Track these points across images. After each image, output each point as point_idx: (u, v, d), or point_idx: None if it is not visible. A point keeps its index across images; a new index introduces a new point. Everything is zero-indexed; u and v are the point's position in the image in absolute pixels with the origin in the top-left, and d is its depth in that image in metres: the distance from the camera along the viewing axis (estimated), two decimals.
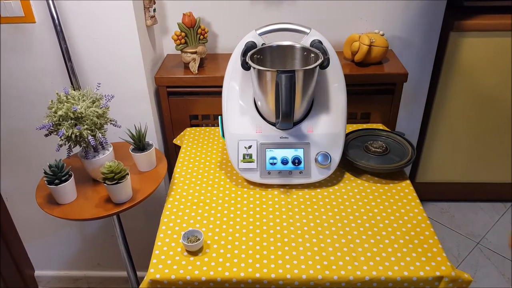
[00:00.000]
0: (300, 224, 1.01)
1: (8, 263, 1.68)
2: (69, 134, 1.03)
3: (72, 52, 1.27)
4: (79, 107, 1.04)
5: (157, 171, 1.21)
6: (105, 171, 1.03)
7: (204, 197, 1.11)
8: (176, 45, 1.41)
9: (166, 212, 1.06)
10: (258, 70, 1.05)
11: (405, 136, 1.27)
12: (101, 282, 1.87)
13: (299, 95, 1.07)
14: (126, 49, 1.28)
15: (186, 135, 1.38)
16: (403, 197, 1.09)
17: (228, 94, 1.17)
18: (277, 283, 0.88)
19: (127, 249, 1.36)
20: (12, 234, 1.69)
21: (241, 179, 1.17)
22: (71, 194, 1.10)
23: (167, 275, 0.89)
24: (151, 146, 1.20)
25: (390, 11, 1.49)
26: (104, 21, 1.24)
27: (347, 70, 1.42)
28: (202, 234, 0.94)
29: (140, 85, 1.35)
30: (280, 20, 1.20)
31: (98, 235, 1.72)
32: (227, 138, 1.15)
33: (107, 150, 1.16)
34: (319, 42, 1.13)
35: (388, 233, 0.98)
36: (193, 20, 1.39)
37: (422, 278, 0.87)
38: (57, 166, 1.06)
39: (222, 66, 1.42)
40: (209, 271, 0.89)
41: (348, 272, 0.88)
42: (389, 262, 0.90)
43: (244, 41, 1.15)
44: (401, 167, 1.16)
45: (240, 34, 1.19)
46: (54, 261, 1.82)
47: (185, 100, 1.44)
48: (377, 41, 1.40)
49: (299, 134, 1.13)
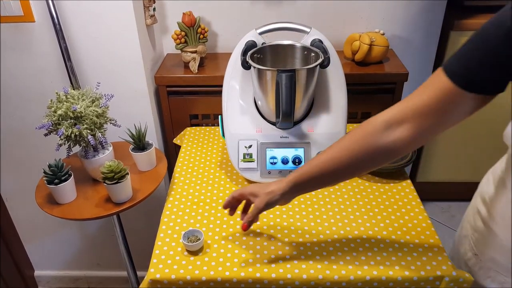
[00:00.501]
0: (301, 224, 1.01)
1: (8, 263, 1.68)
2: (68, 134, 1.03)
3: (72, 51, 1.27)
4: (79, 107, 1.04)
5: (157, 170, 1.21)
6: (105, 170, 1.02)
7: (204, 197, 1.11)
8: (176, 45, 1.40)
9: (166, 212, 1.06)
10: (258, 70, 1.05)
11: None
12: (101, 282, 1.87)
13: (300, 95, 1.06)
14: (126, 48, 1.28)
15: (186, 135, 1.38)
16: (404, 197, 1.09)
17: (228, 93, 1.17)
18: (278, 282, 0.88)
19: (127, 249, 1.36)
20: (12, 234, 1.69)
21: (241, 178, 1.17)
22: (70, 194, 1.10)
23: (167, 275, 0.88)
24: (151, 146, 1.20)
25: (390, 10, 1.49)
26: (104, 20, 1.23)
27: (348, 69, 1.42)
28: (203, 234, 0.94)
29: (140, 84, 1.35)
30: (280, 19, 1.19)
31: (98, 235, 1.72)
32: (227, 137, 1.15)
33: (107, 149, 1.15)
34: (320, 41, 1.12)
35: (389, 232, 0.98)
36: (193, 19, 1.39)
37: (422, 277, 0.87)
38: (56, 166, 1.06)
39: (222, 65, 1.42)
40: (210, 270, 0.89)
41: (348, 272, 0.88)
42: (389, 262, 0.90)
43: (244, 40, 1.14)
44: (402, 167, 1.16)
45: (240, 33, 1.19)
46: (54, 261, 1.82)
47: (185, 99, 1.43)
48: (377, 41, 1.39)
49: (300, 133, 1.13)
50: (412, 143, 0.73)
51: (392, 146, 0.73)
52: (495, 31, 0.63)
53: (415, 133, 0.72)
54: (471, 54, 0.66)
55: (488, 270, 0.86)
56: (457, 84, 0.67)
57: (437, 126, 0.71)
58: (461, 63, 0.67)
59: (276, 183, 0.84)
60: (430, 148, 1.94)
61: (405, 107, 0.72)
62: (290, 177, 0.82)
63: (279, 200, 0.83)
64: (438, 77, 0.69)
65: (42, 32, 1.24)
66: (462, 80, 0.66)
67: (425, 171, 2.01)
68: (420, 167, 2.01)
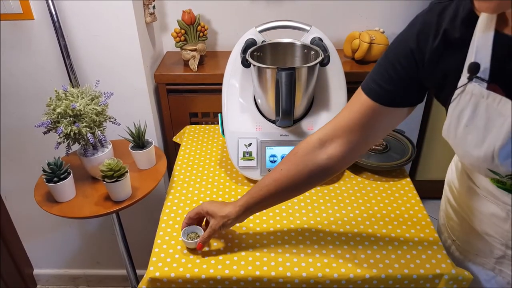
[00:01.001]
0: (300, 222, 1.01)
1: (7, 262, 1.68)
2: (68, 132, 1.03)
3: (71, 49, 1.27)
4: (78, 105, 1.04)
5: (157, 169, 1.21)
6: (104, 169, 1.02)
7: (204, 195, 1.11)
8: (176, 43, 1.40)
9: (165, 210, 1.06)
10: (258, 68, 1.05)
11: (405, 134, 1.27)
12: (100, 281, 1.87)
13: (299, 93, 1.06)
14: (126, 46, 1.28)
15: (186, 133, 1.38)
16: (403, 195, 1.09)
17: (228, 91, 1.16)
18: (277, 281, 0.88)
19: (126, 247, 1.36)
20: (11, 232, 1.68)
21: (241, 177, 1.17)
22: (70, 192, 1.10)
23: (166, 273, 0.88)
24: (150, 144, 1.20)
25: (390, 8, 1.49)
26: (103, 18, 1.23)
27: (348, 67, 1.42)
28: (202, 231, 0.94)
29: (140, 82, 1.35)
30: (280, 18, 1.19)
31: (98, 233, 1.72)
32: (227, 135, 1.15)
33: (106, 147, 1.15)
34: (320, 39, 1.12)
35: (388, 231, 0.98)
36: (192, 17, 1.38)
37: (422, 275, 0.87)
38: (55, 164, 1.05)
39: (222, 63, 1.42)
40: (209, 269, 0.89)
41: (348, 270, 0.88)
42: (389, 260, 0.90)
43: (244, 39, 1.14)
44: (401, 165, 1.16)
45: (240, 32, 1.19)
46: (53, 260, 1.82)
47: (185, 97, 1.43)
48: (377, 39, 1.39)
49: (299, 131, 1.13)
50: (345, 158, 0.79)
51: (327, 163, 0.79)
52: (401, 49, 0.69)
53: (346, 149, 0.77)
54: (382, 71, 0.72)
55: (467, 253, 0.90)
56: (374, 100, 0.72)
57: (366, 140, 0.77)
58: (374, 81, 0.73)
59: (230, 205, 0.88)
60: (430, 146, 1.94)
61: (335, 124, 0.78)
62: (241, 201, 0.87)
63: (233, 222, 0.89)
64: (359, 95, 0.75)
65: (41, 30, 1.24)
66: (378, 96, 0.72)
67: (425, 169, 2.01)
68: (420, 165, 2.01)
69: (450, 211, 0.95)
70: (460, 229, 0.91)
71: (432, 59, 0.67)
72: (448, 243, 0.96)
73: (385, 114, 0.74)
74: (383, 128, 0.77)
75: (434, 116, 1.85)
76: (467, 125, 0.66)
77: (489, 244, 0.83)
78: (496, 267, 0.84)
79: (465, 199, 0.87)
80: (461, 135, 0.68)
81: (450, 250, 0.95)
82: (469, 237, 0.88)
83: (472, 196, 0.84)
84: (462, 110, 0.66)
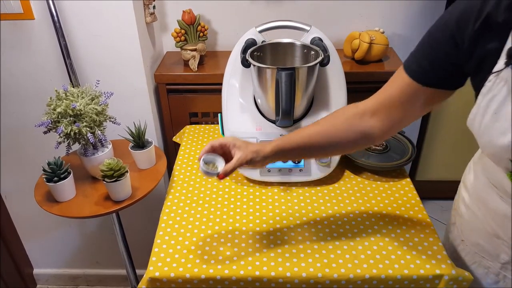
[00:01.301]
0: (300, 222, 1.01)
1: (7, 261, 1.68)
2: (68, 132, 1.03)
3: (71, 49, 1.27)
4: (78, 104, 1.04)
5: (157, 168, 1.21)
6: (104, 168, 1.02)
7: (203, 195, 1.11)
8: (176, 43, 1.40)
9: (165, 210, 1.06)
10: (258, 68, 1.05)
11: (405, 134, 1.27)
12: (100, 280, 1.87)
13: (299, 93, 1.06)
14: (126, 46, 1.28)
15: (186, 133, 1.38)
16: (403, 195, 1.09)
17: (228, 91, 1.16)
18: (277, 281, 0.88)
19: (126, 247, 1.36)
20: (10, 232, 1.68)
21: (241, 176, 1.17)
22: (70, 192, 1.10)
23: (166, 273, 0.88)
24: (150, 144, 1.20)
25: (390, 8, 1.49)
26: (104, 18, 1.23)
27: (347, 67, 1.42)
28: (223, 162, 0.83)
29: (140, 82, 1.35)
30: (280, 18, 1.19)
31: (97, 233, 1.72)
32: (227, 135, 1.15)
33: (106, 147, 1.15)
34: (319, 39, 1.12)
35: (388, 231, 0.98)
36: (192, 17, 1.38)
37: (422, 276, 0.87)
38: (56, 164, 1.05)
39: (222, 63, 1.42)
40: (209, 269, 0.89)
41: (348, 270, 0.88)
42: (389, 260, 0.90)
43: (244, 39, 1.14)
44: (401, 165, 1.16)
45: (240, 32, 1.19)
46: (53, 259, 1.82)
47: (185, 97, 1.43)
48: (377, 39, 1.39)
49: None
50: (385, 132, 0.80)
51: (370, 131, 0.80)
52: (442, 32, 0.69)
53: (386, 123, 0.79)
54: (423, 51, 0.73)
55: (474, 255, 0.89)
56: (414, 79, 0.73)
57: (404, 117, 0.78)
58: (416, 60, 0.74)
59: (259, 144, 0.84)
60: (430, 147, 1.94)
61: (377, 99, 0.79)
62: (276, 142, 0.83)
63: (260, 162, 0.83)
64: (399, 73, 0.76)
65: (41, 30, 1.24)
66: (418, 76, 0.73)
67: (425, 170, 2.01)
68: (420, 166, 2.01)
69: (463, 210, 0.93)
70: (470, 229, 0.90)
71: (471, 43, 0.65)
72: (456, 242, 0.95)
73: (426, 94, 0.73)
74: (421, 107, 0.77)
75: (434, 116, 1.85)
76: (495, 112, 0.65)
77: (498, 247, 0.82)
78: (501, 272, 0.83)
79: (481, 198, 0.86)
80: (488, 123, 0.67)
81: (457, 250, 0.94)
82: (478, 238, 0.87)
83: (487, 196, 0.83)
84: (493, 96, 0.65)
